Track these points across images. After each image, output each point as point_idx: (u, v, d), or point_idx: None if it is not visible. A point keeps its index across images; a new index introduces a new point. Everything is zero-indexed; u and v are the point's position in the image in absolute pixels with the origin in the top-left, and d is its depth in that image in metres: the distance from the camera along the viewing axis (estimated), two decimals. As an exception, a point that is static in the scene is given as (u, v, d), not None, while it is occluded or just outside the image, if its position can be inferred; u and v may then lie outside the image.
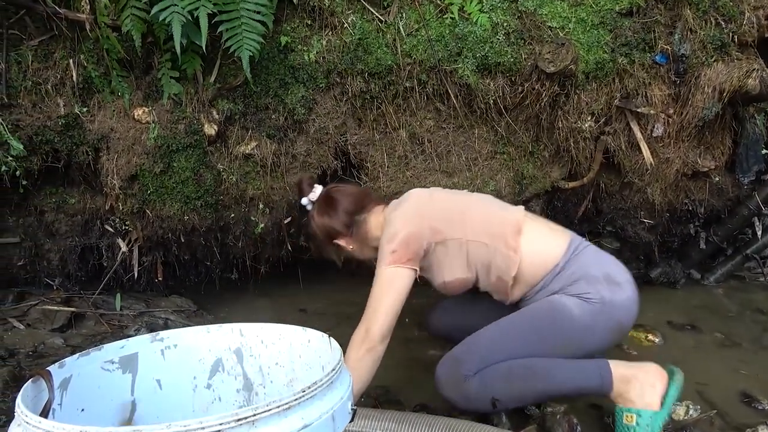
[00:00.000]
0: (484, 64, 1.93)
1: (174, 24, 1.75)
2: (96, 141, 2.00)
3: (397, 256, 1.41)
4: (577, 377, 1.41)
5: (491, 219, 1.48)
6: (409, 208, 1.50)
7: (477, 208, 1.50)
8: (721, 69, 1.83)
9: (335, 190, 1.63)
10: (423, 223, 1.45)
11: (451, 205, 1.51)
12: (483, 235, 1.44)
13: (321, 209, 1.60)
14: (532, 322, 1.44)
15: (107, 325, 2.11)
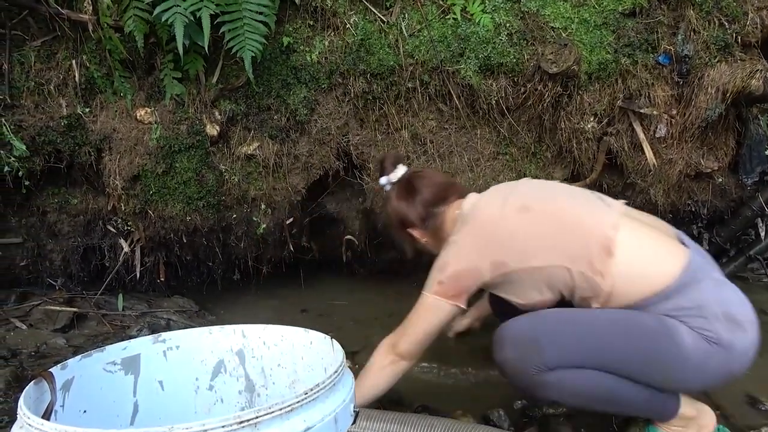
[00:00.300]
0: (487, 64, 1.93)
1: (176, 25, 1.75)
2: (98, 141, 2.01)
3: (443, 288, 1.29)
4: (649, 409, 1.27)
5: (573, 236, 1.23)
6: (470, 235, 1.30)
7: (556, 224, 1.24)
8: (724, 70, 1.83)
9: (418, 176, 1.49)
10: (483, 258, 1.26)
11: (524, 227, 1.26)
12: (562, 258, 1.21)
13: (399, 194, 1.46)
14: (634, 336, 1.18)
15: (109, 325, 2.11)
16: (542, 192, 1.35)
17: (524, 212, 1.27)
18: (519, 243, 1.25)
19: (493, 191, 1.39)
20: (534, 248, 1.23)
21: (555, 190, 1.37)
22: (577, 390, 1.20)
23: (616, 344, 1.18)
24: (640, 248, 1.21)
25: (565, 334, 1.20)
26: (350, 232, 2.32)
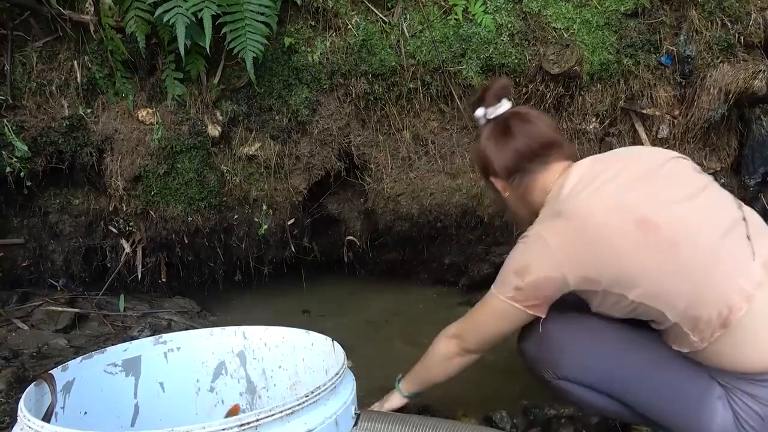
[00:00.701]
0: (489, 65, 1.93)
1: (178, 25, 1.75)
2: (100, 142, 2.01)
3: (521, 295, 1.09)
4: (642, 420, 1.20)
5: (691, 288, 0.98)
6: (565, 237, 1.05)
7: (678, 263, 0.99)
8: (727, 70, 1.82)
9: (521, 118, 1.20)
10: (574, 269, 1.04)
11: (636, 251, 1.00)
12: (666, 305, 0.99)
13: (493, 133, 1.21)
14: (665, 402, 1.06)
15: (111, 326, 2.11)
16: (673, 193, 1.05)
17: (643, 230, 1.00)
18: (623, 267, 1.00)
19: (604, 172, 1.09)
20: (639, 279, 1.00)
21: (690, 190, 1.05)
22: (587, 405, 1.17)
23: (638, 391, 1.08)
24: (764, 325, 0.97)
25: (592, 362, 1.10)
26: (351, 232, 2.32)
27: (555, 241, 1.05)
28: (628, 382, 1.09)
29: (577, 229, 1.04)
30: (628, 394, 1.10)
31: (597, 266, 1.02)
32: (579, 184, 1.09)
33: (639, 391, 1.08)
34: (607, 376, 1.09)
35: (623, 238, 1.00)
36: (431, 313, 2.33)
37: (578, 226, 1.04)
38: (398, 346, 2.04)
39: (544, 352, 1.13)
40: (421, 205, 2.12)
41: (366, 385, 1.70)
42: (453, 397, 1.66)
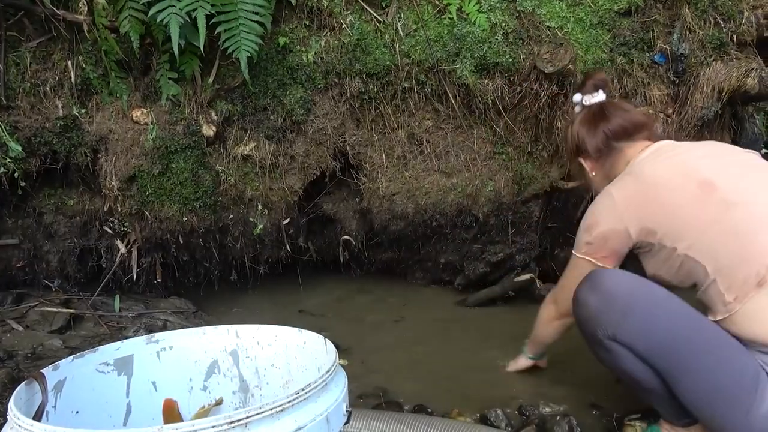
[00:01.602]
0: (483, 64, 1.93)
1: (172, 25, 1.75)
2: (94, 142, 2.01)
3: (591, 249, 1.25)
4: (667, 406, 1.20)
5: (736, 245, 1.09)
6: (631, 192, 1.21)
7: (728, 222, 1.10)
8: (720, 68, 1.83)
9: (614, 105, 1.40)
10: (635, 221, 1.18)
11: (693, 205, 1.14)
12: (710, 259, 1.10)
13: (586, 117, 1.38)
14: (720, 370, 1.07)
15: (106, 326, 2.11)
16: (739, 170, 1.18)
17: (703, 189, 1.13)
18: (679, 219, 1.14)
19: (681, 147, 1.26)
20: (690, 232, 1.12)
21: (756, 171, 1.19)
22: (625, 373, 1.15)
23: (694, 367, 1.08)
24: None
25: (654, 328, 1.09)
26: (347, 232, 2.32)
27: (620, 195, 1.21)
28: (684, 353, 1.08)
29: (642, 185, 1.20)
30: (679, 367, 1.09)
31: (655, 217, 1.15)
32: (655, 153, 1.26)
33: (693, 363, 1.08)
34: (664, 345, 1.09)
35: (683, 194, 1.14)
36: (427, 312, 2.33)
37: (643, 182, 1.20)
38: (394, 345, 2.04)
39: (609, 308, 1.12)
40: (417, 204, 2.12)
41: (362, 385, 1.71)
42: (448, 396, 1.66)
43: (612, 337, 1.11)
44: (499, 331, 2.11)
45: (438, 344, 2.04)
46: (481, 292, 2.36)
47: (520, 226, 2.14)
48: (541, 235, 2.27)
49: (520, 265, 2.28)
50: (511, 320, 2.20)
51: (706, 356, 1.07)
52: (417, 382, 1.75)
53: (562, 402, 1.60)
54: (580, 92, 1.43)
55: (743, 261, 1.06)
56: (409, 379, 1.77)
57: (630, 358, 1.11)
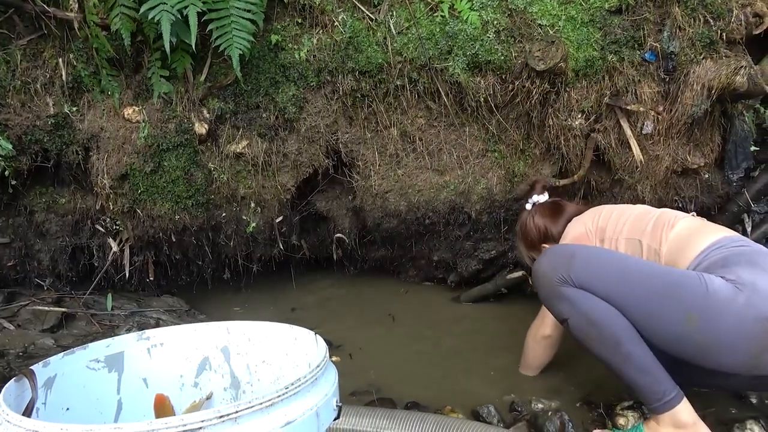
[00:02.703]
0: (475, 62, 1.93)
1: (163, 22, 1.74)
2: (86, 140, 2.00)
3: None
4: (645, 384, 1.27)
5: (645, 219, 1.46)
6: (588, 213, 1.63)
7: (642, 214, 1.50)
8: (709, 66, 1.84)
9: (562, 201, 1.79)
10: (592, 223, 1.56)
11: (622, 211, 1.55)
12: (639, 234, 1.43)
13: (545, 212, 1.73)
14: (665, 275, 1.25)
15: (98, 325, 2.11)
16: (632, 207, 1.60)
17: (625, 206, 1.60)
18: (615, 217, 1.51)
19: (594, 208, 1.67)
20: (624, 225, 1.48)
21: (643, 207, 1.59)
22: (588, 316, 1.25)
23: (643, 278, 1.25)
24: (692, 226, 1.39)
25: (600, 260, 1.30)
26: (340, 230, 2.32)
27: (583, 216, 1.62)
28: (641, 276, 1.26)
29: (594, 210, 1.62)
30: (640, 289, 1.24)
31: (604, 219, 1.53)
32: None
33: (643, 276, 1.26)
34: (615, 273, 1.27)
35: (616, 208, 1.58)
36: (420, 309, 2.34)
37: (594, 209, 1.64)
38: (387, 342, 2.05)
39: (557, 259, 1.33)
40: (409, 202, 2.12)
41: (355, 382, 1.72)
42: (441, 392, 1.67)
43: (566, 278, 1.27)
44: (491, 328, 2.12)
45: (431, 341, 2.04)
46: (474, 289, 2.37)
47: (513, 224, 2.15)
48: (534, 233, 2.28)
49: (513, 263, 2.28)
50: (503, 317, 2.21)
51: (648, 267, 1.29)
52: (410, 379, 1.75)
53: (553, 398, 1.61)
54: (534, 195, 1.77)
55: (658, 226, 1.41)
56: (401, 376, 1.78)
57: (590, 299, 1.25)
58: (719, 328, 1.17)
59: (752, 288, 1.15)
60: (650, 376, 1.24)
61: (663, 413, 1.26)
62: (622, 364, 1.26)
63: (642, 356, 1.24)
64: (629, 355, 1.24)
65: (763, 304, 1.15)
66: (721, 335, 1.17)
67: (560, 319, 1.34)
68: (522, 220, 1.79)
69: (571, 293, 1.27)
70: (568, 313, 1.29)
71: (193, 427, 0.68)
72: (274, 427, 0.72)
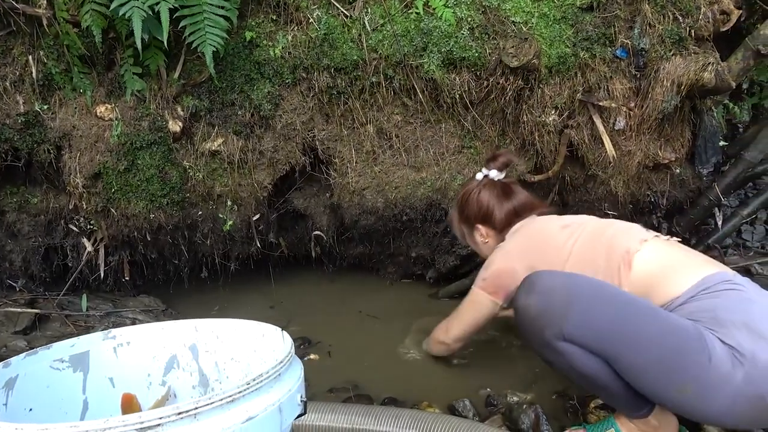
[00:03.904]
0: (450, 59, 1.94)
1: (134, 19, 1.72)
2: (58, 139, 1.97)
3: (485, 284, 1.49)
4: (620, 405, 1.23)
5: (601, 251, 1.28)
6: (517, 242, 1.47)
7: (590, 240, 1.32)
8: (679, 63, 1.87)
9: (516, 185, 1.63)
10: (521, 261, 1.40)
11: (562, 240, 1.36)
12: (589, 271, 1.26)
13: (493, 189, 1.58)
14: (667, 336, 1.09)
15: (73, 326, 2.08)
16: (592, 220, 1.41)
17: (565, 228, 1.39)
18: (554, 252, 1.34)
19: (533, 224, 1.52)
20: (566, 258, 1.31)
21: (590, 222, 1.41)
22: (577, 370, 1.15)
23: (644, 341, 1.09)
24: (659, 261, 1.21)
25: (598, 314, 1.11)
26: (318, 227, 2.32)
27: (511, 246, 1.48)
28: (631, 328, 1.10)
29: (525, 236, 1.48)
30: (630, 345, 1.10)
31: (537, 255, 1.38)
32: (535, 219, 1.54)
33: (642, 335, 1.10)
34: (611, 326, 1.11)
35: (552, 234, 1.41)
36: (399, 306, 2.34)
37: (526, 233, 1.49)
38: (366, 339, 2.05)
39: (551, 304, 1.12)
40: (386, 198, 2.13)
41: (334, 378, 1.72)
42: (419, 389, 1.67)
43: (560, 334, 1.11)
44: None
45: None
46: (452, 285, 2.38)
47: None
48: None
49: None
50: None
51: (650, 327, 1.09)
52: (388, 375, 1.76)
53: (528, 391, 1.62)
54: (489, 168, 1.61)
55: (611, 257, 1.25)
56: (379, 372, 1.78)
57: (580, 355, 1.12)
58: (711, 404, 1.07)
59: (752, 362, 1.04)
60: (627, 401, 1.20)
61: (640, 418, 1.26)
62: (603, 396, 1.26)
63: (624, 393, 1.18)
64: (612, 394, 1.19)
65: (761, 381, 1.04)
66: (712, 409, 1.08)
67: (545, 360, 1.22)
68: (467, 188, 1.63)
69: (562, 348, 1.13)
70: (556, 362, 1.19)
71: (151, 424, 0.67)
72: (235, 423, 0.72)
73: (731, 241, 2.70)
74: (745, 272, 2.49)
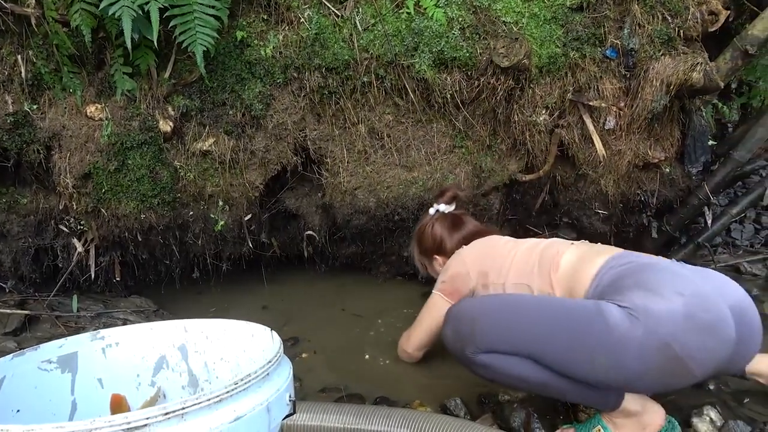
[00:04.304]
0: (441, 58, 1.95)
1: (124, 19, 1.72)
2: (47, 139, 1.96)
3: (443, 287, 1.61)
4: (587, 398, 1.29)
5: (530, 260, 1.45)
6: (471, 250, 1.63)
7: (528, 253, 1.47)
8: (668, 63, 1.88)
9: (466, 216, 1.82)
10: (473, 266, 1.55)
11: (507, 251, 1.52)
12: (527, 279, 1.42)
13: (445, 222, 1.77)
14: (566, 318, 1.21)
15: (63, 327, 2.07)
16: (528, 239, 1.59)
17: (507, 242, 1.60)
18: (501, 259, 1.51)
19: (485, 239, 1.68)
20: (509, 268, 1.47)
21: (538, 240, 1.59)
22: (508, 375, 1.25)
23: (546, 330, 1.21)
24: (576, 258, 1.39)
25: (501, 320, 1.26)
26: (310, 227, 2.32)
27: (466, 252, 1.63)
28: (537, 329, 1.22)
29: (478, 246, 1.64)
30: (542, 342, 1.21)
31: (487, 262, 1.54)
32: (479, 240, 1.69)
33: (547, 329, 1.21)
34: (519, 329, 1.23)
35: (501, 246, 1.58)
36: (391, 305, 2.35)
37: (479, 244, 1.65)
38: (358, 339, 2.05)
39: (461, 326, 1.29)
40: (378, 198, 2.13)
41: (326, 379, 1.72)
42: (411, 388, 1.68)
43: (476, 348, 1.24)
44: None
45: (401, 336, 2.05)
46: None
47: (481, 219, 2.17)
48: (502, 227, 2.31)
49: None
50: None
51: (551, 317, 1.22)
52: (379, 375, 1.76)
53: (519, 390, 1.63)
54: (440, 204, 1.81)
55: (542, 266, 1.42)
56: (371, 371, 1.79)
57: (504, 361, 1.23)
58: (626, 366, 1.16)
59: (645, 315, 1.14)
60: (587, 393, 1.26)
61: (613, 410, 1.30)
62: (559, 396, 1.32)
63: (579, 390, 1.24)
64: (560, 389, 1.25)
65: (659, 329, 1.13)
66: (629, 372, 1.16)
67: (488, 380, 1.32)
68: (422, 223, 1.83)
69: (483, 360, 1.25)
70: (490, 376, 1.29)
71: (138, 424, 0.67)
72: (223, 422, 0.72)
73: (721, 239, 2.72)
74: (735, 271, 2.51)
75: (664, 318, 1.12)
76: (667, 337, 1.11)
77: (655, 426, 1.30)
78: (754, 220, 2.91)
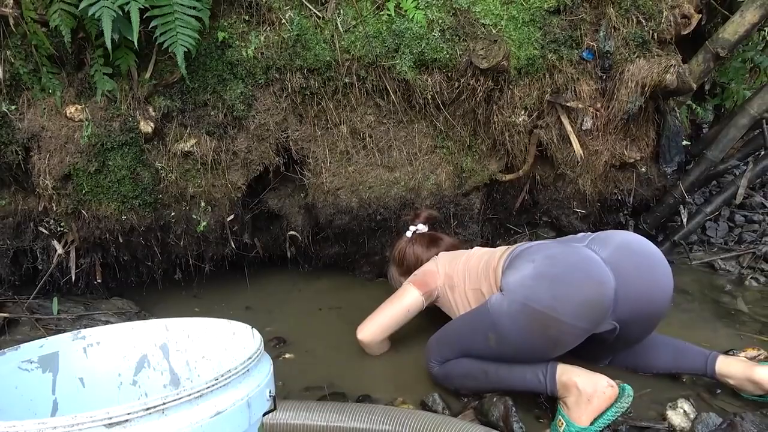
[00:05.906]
0: (421, 60, 1.97)
1: (104, 19, 1.71)
2: (26, 140, 1.94)
3: (414, 279, 1.80)
4: (524, 380, 1.47)
5: (479, 268, 1.66)
6: (445, 255, 1.86)
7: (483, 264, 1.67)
8: (642, 65, 1.93)
9: (442, 233, 2.03)
10: (443, 268, 1.78)
11: (470, 260, 1.73)
12: (475, 282, 1.65)
13: (422, 241, 1.95)
14: (472, 315, 1.55)
15: (44, 330, 2.05)
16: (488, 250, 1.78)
17: (469, 250, 1.82)
18: (461, 267, 1.72)
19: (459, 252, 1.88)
20: (465, 276, 1.69)
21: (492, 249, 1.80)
22: (460, 375, 1.55)
23: (461, 327, 1.58)
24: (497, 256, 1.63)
25: (443, 338, 1.62)
26: (293, 227, 2.33)
27: (440, 257, 1.85)
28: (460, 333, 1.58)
29: (452, 253, 1.85)
30: (465, 338, 1.55)
31: (453, 267, 1.75)
32: None
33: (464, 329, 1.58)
34: (453, 338, 1.59)
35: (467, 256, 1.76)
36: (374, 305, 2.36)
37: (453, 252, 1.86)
38: (340, 338, 2.06)
39: (427, 351, 1.66)
40: (360, 198, 2.15)
41: (309, 378, 1.73)
42: (393, 385, 1.70)
43: (435, 362, 1.62)
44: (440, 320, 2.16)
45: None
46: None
47: (462, 218, 2.20)
48: (483, 226, 2.34)
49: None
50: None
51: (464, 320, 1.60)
52: (362, 374, 1.78)
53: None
54: (416, 224, 1.99)
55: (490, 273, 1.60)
56: (354, 370, 1.80)
57: (455, 364, 1.57)
58: (507, 335, 1.40)
59: (506, 287, 1.41)
60: (523, 374, 1.45)
61: (555, 391, 1.41)
62: (505, 386, 1.50)
63: (507, 368, 1.48)
64: (499, 376, 1.49)
65: (516, 296, 1.37)
66: (513, 338, 1.40)
67: (458, 393, 1.61)
68: (400, 246, 1.98)
69: (441, 371, 1.60)
70: (455, 385, 1.59)
71: (119, 419, 0.68)
72: (203, 417, 0.73)
73: (696, 237, 2.78)
74: (709, 267, 2.58)
75: (518, 284, 1.38)
76: (524, 299, 1.35)
77: (599, 393, 1.33)
78: (728, 219, 2.99)
